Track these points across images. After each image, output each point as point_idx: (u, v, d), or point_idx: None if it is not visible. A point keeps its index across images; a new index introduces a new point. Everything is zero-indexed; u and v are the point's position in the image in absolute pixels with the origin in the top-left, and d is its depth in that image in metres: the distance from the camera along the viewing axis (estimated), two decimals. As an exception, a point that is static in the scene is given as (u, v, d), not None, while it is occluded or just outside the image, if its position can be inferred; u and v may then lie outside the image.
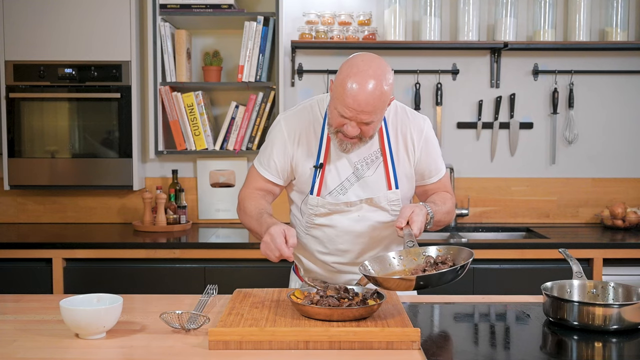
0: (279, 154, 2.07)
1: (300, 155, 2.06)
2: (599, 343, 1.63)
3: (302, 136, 2.06)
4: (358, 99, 1.84)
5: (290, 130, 2.07)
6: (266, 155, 2.10)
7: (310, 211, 2.06)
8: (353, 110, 1.85)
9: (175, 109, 3.51)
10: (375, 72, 1.85)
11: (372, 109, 1.86)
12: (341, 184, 2.04)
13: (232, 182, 3.70)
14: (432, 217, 1.96)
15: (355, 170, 2.04)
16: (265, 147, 2.13)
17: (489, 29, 3.68)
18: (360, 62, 1.88)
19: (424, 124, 2.11)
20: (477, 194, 3.73)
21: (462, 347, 1.65)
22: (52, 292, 3.06)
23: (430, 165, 2.12)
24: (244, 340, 1.58)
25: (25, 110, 3.42)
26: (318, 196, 2.04)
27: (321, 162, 2.03)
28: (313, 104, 2.11)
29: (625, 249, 3.16)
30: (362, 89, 1.83)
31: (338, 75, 1.91)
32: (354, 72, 1.85)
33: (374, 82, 1.84)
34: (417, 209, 1.90)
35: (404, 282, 1.70)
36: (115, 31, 3.39)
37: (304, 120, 2.08)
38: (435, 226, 2.04)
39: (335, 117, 1.92)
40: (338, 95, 1.88)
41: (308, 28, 3.54)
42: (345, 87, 1.85)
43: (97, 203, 3.71)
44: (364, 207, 2.05)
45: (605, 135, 3.74)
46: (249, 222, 2.05)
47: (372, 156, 2.05)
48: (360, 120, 1.88)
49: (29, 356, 1.54)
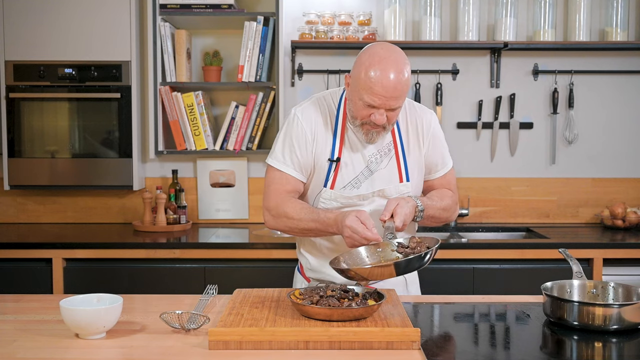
0: (302, 147, 2.03)
1: (318, 147, 2.04)
2: (599, 343, 1.63)
3: (319, 128, 2.04)
4: (386, 85, 1.85)
5: (308, 123, 2.04)
6: (287, 152, 2.04)
7: (323, 205, 2.04)
8: (382, 97, 1.87)
9: (175, 109, 3.51)
10: (397, 58, 1.89)
11: (400, 93, 1.88)
12: (356, 177, 2.04)
13: (232, 182, 3.70)
14: (422, 210, 1.96)
15: (369, 164, 2.04)
16: (282, 144, 2.05)
17: (489, 29, 3.68)
18: (380, 50, 1.90)
19: (431, 117, 2.13)
20: (477, 194, 3.73)
21: (462, 347, 1.64)
22: (52, 292, 3.06)
23: (437, 159, 2.13)
24: (244, 340, 1.58)
25: (25, 110, 3.42)
26: (332, 189, 2.03)
27: (337, 156, 2.02)
28: (326, 95, 2.10)
29: (625, 249, 3.15)
30: (388, 75, 1.85)
31: (357, 67, 1.91)
32: (377, 60, 1.87)
33: (398, 67, 1.87)
34: (403, 201, 1.91)
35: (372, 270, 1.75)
36: (115, 31, 3.39)
37: (320, 112, 2.06)
38: (429, 221, 2.04)
39: (361, 109, 1.92)
40: (363, 85, 1.88)
41: (308, 28, 3.54)
42: (370, 76, 1.86)
43: (97, 203, 3.71)
44: (376, 200, 2.04)
45: (605, 135, 3.74)
46: (299, 226, 1.99)
47: (385, 149, 2.05)
48: (389, 106, 1.89)
49: (29, 356, 1.54)
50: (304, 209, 1.99)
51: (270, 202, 2.05)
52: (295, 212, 1.99)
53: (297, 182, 2.05)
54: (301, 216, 1.98)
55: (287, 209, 2.00)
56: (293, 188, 2.05)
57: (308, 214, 1.97)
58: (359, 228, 1.82)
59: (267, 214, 2.06)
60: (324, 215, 1.94)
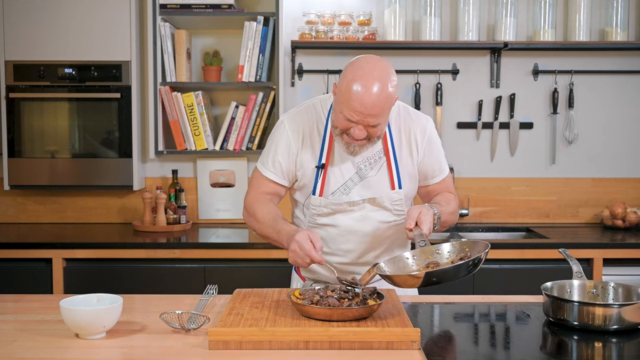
0: (284, 154, 2.06)
1: (304, 155, 2.05)
2: (599, 343, 1.63)
3: (305, 136, 2.06)
4: (364, 102, 1.83)
5: (293, 129, 2.06)
6: (270, 156, 2.08)
7: (313, 211, 2.06)
8: (360, 113, 1.85)
9: (175, 109, 3.51)
10: (380, 74, 1.85)
11: (379, 111, 1.86)
12: (344, 184, 2.04)
13: (232, 182, 3.70)
14: (439, 217, 1.96)
15: (359, 170, 2.04)
16: (268, 148, 2.11)
17: (489, 29, 3.68)
18: (364, 64, 1.87)
19: (427, 123, 2.11)
20: (477, 194, 3.73)
21: (462, 347, 1.64)
22: (52, 292, 3.06)
23: (433, 165, 2.12)
24: (244, 340, 1.58)
25: (25, 110, 3.42)
26: (320, 196, 2.03)
27: (323, 162, 2.03)
28: (316, 103, 2.11)
29: (625, 249, 3.15)
30: (368, 92, 1.83)
31: (342, 78, 1.90)
32: (359, 75, 1.85)
33: (379, 85, 1.83)
34: (424, 209, 1.90)
35: (411, 279, 1.73)
36: (115, 31, 3.39)
37: (307, 120, 2.07)
38: (441, 227, 2.04)
39: (340, 120, 1.91)
40: (344, 99, 1.87)
41: (308, 28, 3.54)
42: (351, 90, 1.84)
43: (97, 203, 3.71)
44: (367, 206, 2.05)
45: (605, 135, 3.74)
46: (261, 230, 2.03)
47: (376, 156, 2.05)
48: (367, 123, 1.87)
49: (29, 356, 1.54)
50: (270, 215, 2.01)
51: (247, 199, 2.11)
52: (261, 215, 2.02)
53: (276, 186, 2.09)
54: (265, 220, 2.01)
55: (257, 210, 2.05)
56: (272, 190, 2.09)
57: (270, 220, 1.99)
58: (305, 245, 1.81)
59: (244, 211, 2.13)
60: (281, 226, 1.95)
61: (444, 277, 1.72)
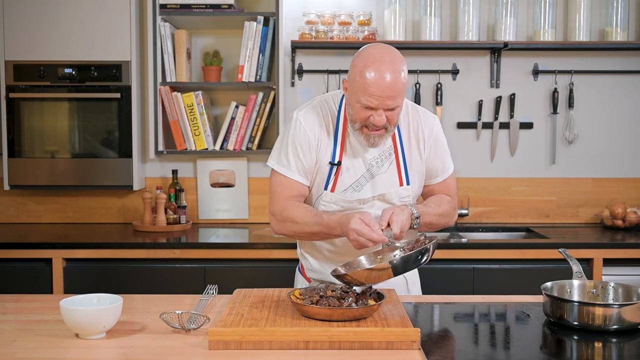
0: (306, 154, 2.03)
1: (321, 151, 2.04)
2: (599, 343, 1.63)
3: (322, 132, 2.05)
4: (381, 85, 1.86)
5: (310, 126, 2.04)
6: (291, 157, 2.03)
7: (323, 208, 2.05)
8: (378, 97, 1.87)
9: (175, 109, 3.51)
10: (392, 57, 1.89)
11: (396, 92, 1.88)
12: (357, 180, 2.04)
13: (232, 182, 3.70)
14: (418, 217, 1.96)
15: (370, 167, 2.04)
16: (287, 149, 2.05)
17: (489, 29, 3.68)
18: (373, 51, 1.91)
19: (434, 122, 2.13)
20: (477, 194, 3.73)
21: (462, 347, 1.65)
22: (52, 292, 3.05)
23: (437, 164, 2.13)
24: (244, 340, 1.58)
25: (25, 110, 3.42)
26: (333, 192, 2.03)
27: (338, 159, 2.03)
28: (327, 98, 2.10)
29: (625, 249, 3.15)
30: (383, 76, 1.85)
31: (353, 69, 1.92)
32: (371, 61, 1.87)
33: (392, 66, 1.87)
34: (398, 209, 1.91)
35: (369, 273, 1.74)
36: (115, 31, 3.39)
37: (321, 115, 2.06)
38: (427, 228, 2.04)
39: (359, 111, 1.92)
40: (359, 88, 1.89)
41: (308, 28, 3.54)
42: (365, 78, 1.86)
43: (97, 203, 3.71)
44: (376, 203, 2.05)
45: (605, 135, 3.74)
46: (303, 230, 2.00)
47: (385, 153, 2.05)
48: (387, 106, 1.89)
49: (29, 356, 1.54)
50: (308, 213, 1.99)
51: (275, 207, 2.05)
52: (299, 217, 1.99)
53: (302, 187, 2.05)
54: (305, 220, 1.98)
55: (291, 213, 2.01)
56: (298, 193, 2.05)
57: (312, 218, 1.97)
58: (364, 230, 1.81)
59: (273, 219, 2.07)
60: (328, 219, 1.94)
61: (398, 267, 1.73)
